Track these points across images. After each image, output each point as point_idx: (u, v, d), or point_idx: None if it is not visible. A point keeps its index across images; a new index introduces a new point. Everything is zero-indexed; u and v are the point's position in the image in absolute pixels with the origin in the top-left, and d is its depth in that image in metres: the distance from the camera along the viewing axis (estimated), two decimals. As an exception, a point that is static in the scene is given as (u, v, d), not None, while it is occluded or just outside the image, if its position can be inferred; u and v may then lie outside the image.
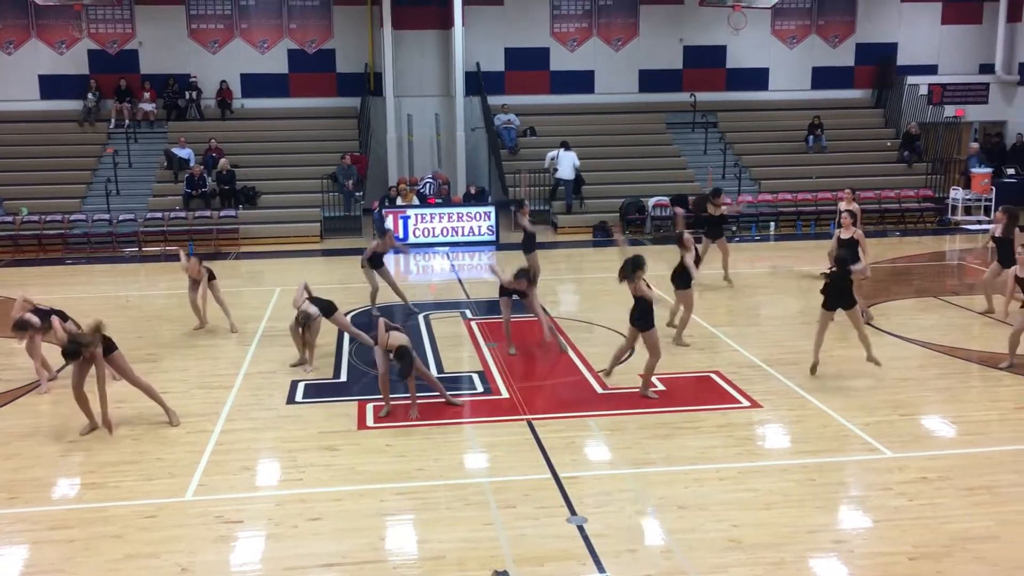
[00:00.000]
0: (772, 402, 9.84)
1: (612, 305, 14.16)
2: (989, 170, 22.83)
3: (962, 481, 7.84)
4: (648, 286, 9.65)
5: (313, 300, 11.30)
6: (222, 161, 21.18)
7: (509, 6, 24.37)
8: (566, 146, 21.33)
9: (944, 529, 7.01)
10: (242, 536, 7.09)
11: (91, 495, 7.89)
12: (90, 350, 8.88)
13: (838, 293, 10.27)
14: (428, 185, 21.66)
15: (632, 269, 9.55)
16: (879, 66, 25.63)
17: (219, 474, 8.20)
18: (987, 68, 25.75)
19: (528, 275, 11.68)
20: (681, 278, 11.78)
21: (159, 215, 20.34)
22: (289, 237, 20.54)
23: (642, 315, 9.62)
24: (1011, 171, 24.22)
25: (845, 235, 12.78)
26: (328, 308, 11.41)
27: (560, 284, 14.53)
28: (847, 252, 10.85)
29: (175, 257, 13.66)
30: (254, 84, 24.03)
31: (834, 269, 10.33)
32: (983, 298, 13.39)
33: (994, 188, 22.15)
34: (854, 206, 15.23)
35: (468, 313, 13.99)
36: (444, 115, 23.90)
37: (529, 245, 14.19)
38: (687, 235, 12.21)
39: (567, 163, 21.18)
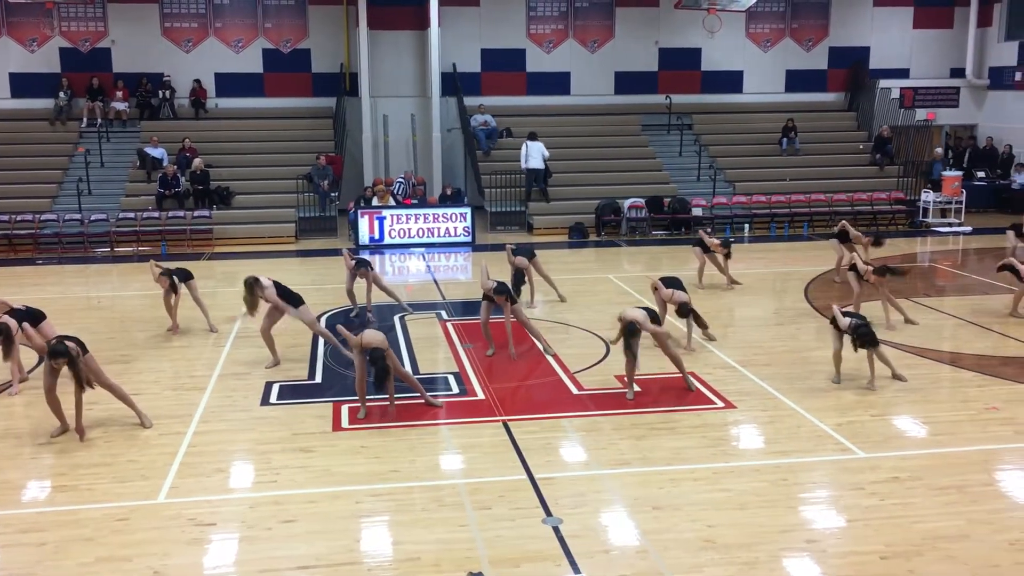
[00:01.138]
0: (746, 403, 9.90)
1: (588, 307, 14.22)
2: (959, 173, 23.11)
3: (933, 481, 7.92)
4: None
5: (281, 294, 11.17)
6: (196, 161, 21.02)
7: (485, 7, 24.36)
8: (533, 137, 21.46)
9: (915, 528, 7.09)
10: (215, 539, 7.04)
11: (63, 498, 7.80)
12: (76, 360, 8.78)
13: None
14: (399, 186, 21.59)
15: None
16: (852, 70, 25.86)
17: (192, 476, 8.14)
18: (958, 72, 26.07)
19: (508, 292, 11.50)
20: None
21: (132, 215, 20.15)
22: (264, 237, 20.42)
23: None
24: (981, 174, 24.54)
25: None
26: (295, 300, 11.28)
27: (536, 285, 14.52)
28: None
29: (148, 258, 13.57)
30: (228, 83, 23.87)
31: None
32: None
33: (964, 191, 22.43)
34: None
35: (444, 314, 13.98)
36: (420, 116, 23.85)
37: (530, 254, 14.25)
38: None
39: (536, 152, 21.29)
